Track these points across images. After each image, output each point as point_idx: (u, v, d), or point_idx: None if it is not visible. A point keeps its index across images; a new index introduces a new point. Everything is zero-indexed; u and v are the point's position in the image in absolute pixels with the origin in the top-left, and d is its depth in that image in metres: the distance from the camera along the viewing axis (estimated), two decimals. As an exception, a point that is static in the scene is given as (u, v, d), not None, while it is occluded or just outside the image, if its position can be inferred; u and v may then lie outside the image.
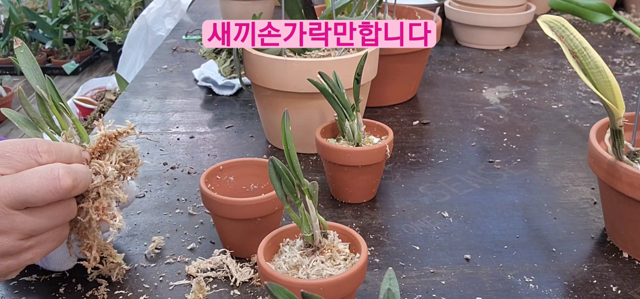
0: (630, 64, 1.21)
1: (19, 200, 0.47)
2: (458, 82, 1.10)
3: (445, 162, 0.80)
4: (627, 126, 0.63)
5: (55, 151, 0.50)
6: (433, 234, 0.65)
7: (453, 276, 0.58)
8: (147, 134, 0.88)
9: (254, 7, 1.36)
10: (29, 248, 0.49)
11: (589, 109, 0.98)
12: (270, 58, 0.76)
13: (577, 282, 0.57)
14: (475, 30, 1.29)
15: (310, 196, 0.49)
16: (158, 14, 2.13)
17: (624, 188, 0.57)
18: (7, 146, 0.49)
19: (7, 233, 0.47)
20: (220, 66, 1.10)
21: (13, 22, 3.53)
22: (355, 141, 0.69)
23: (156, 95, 1.04)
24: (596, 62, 0.56)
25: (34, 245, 0.49)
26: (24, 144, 0.49)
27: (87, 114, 1.98)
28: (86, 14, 3.93)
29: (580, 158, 0.81)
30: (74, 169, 0.50)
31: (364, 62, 0.69)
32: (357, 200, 0.70)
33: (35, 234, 0.49)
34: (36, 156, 0.49)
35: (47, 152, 0.50)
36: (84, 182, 0.51)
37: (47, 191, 0.47)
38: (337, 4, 0.87)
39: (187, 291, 0.56)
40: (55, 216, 0.49)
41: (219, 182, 0.63)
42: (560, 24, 0.59)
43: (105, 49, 3.64)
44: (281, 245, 0.53)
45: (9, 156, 0.48)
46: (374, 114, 0.95)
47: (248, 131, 0.90)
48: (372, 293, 0.56)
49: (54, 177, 0.48)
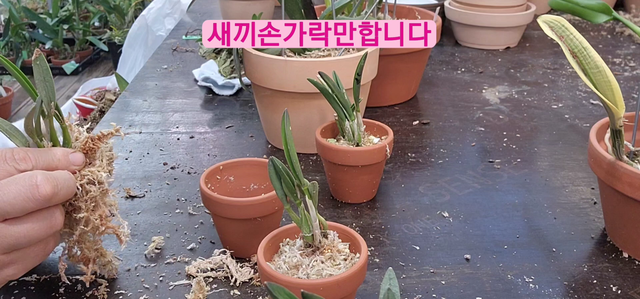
0: (630, 64, 1.21)
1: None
2: (458, 82, 1.10)
3: (445, 162, 0.80)
4: (627, 126, 0.63)
5: (34, 157, 0.48)
6: (433, 234, 0.65)
7: (453, 276, 0.58)
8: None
9: (254, 7, 1.36)
10: (9, 263, 0.46)
11: (589, 109, 0.98)
12: (270, 58, 0.76)
13: (577, 282, 0.57)
14: (475, 30, 1.29)
15: (310, 196, 0.49)
16: (158, 14, 2.13)
17: (624, 188, 0.57)
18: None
19: None
20: (220, 66, 1.10)
21: (13, 22, 3.53)
22: (355, 141, 0.69)
23: (156, 95, 1.04)
24: (596, 62, 0.56)
25: (16, 260, 0.47)
26: (0, 152, 0.47)
27: (87, 114, 1.98)
28: (86, 14, 3.93)
29: (580, 158, 0.81)
30: (54, 176, 0.47)
31: (364, 62, 0.69)
32: (357, 200, 0.70)
33: (16, 247, 0.46)
34: (14, 163, 0.47)
35: (24, 160, 0.48)
36: (65, 189, 0.48)
37: (25, 198, 0.45)
38: (337, 4, 0.87)
39: (187, 291, 0.56)
40: (37, 228, 0.47)
41: (219, 182, 0.63)
42: (560, 24, 0.59)
43: (105, 49, 3.64)
44: (281, 245, 0.53)
45: None
46: (374, 114, 0.95)
47: (248, 131, 0.90)
48: (372, 293, 0.56)
49: (32, 185, 0.45)
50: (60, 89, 3.50)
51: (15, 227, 0.46)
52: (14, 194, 0.45)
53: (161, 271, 0.59)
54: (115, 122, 0.92)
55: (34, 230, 0.46)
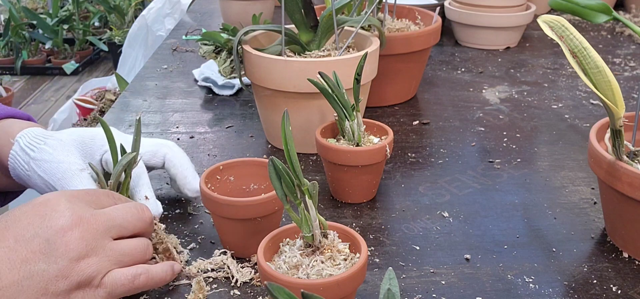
0: (630, 64, 1.21)
1: (115, 227, 0.52)
2: (458, 82, 1.10)
3: (445, 162, 0.80)
4: (627, 126, 0.63)
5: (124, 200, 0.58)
6: (433, 234, 0.65)
7: (453, 276, 0.58)
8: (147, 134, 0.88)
9: (254, 7, 1.36)
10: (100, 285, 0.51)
11: (589, 109, 0.98)
12: (270, 58, 0.76)
13: (577, 282, 0.57)
14: (475, 30, 1.29)
15: (310, 196, 0.49)
16: (158, 14, 2.13)
17: (624, 188, 0.57)
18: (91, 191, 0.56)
19: (98, 255, 0.51)
20: (220, 66, 1.10)
21: (13, 22, 3.53)
22: (355, 141, 0.69)
23: (156, 95, 1.04)
24: (596, 62, 0.56)
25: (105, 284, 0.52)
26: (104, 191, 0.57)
27: (87, 114, 1.98)
28: (86, 14, 3.93)
29: (580, 158, 0.81)
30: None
31: (364, 62, 0.69)
32: (357, 200, 0.70)
33: (121, 259, 0.52)
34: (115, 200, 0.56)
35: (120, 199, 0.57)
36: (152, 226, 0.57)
37: (137, 218, 0.54)
38: (337, 4, 0.87)
39: (187, 291, 0.56)
40: (137, 251, 0.54)
41: (219, 182, 0.63)
42: (560, 24, 0.59)
43: (105, 49, 3.64)
44: (281, 245, 0.53)
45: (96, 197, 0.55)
46: (374, 114, 0.95)
47: (248, 131, 0.90)
48: (372, 293, 0.56)
49: (140, 208, 0.55)
50: (60, 89, 3.50)
51: (124, 244, 0.53)
52: (128, 213, 0.54)
53: (161, 271, 0.58)
54: (115, 123, 0.92)
55: (136, 250, 0.54)
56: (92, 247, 0.50)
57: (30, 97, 3.40)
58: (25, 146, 0.61)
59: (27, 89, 3.53)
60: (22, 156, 0.62)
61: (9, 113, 0.67)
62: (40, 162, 0.61)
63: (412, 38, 0.93)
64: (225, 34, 1.17)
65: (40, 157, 0.61)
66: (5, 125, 0.65)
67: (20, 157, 0.62)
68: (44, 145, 0.61)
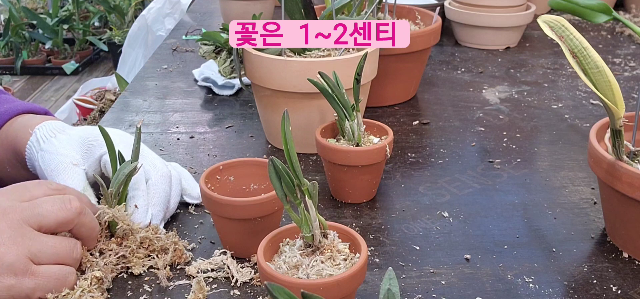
0: (630, 64, 1.21)
1: (33, 216, 0.52)
2: (458, 82, 1.10)
3: (445, 162, 0.80)
4: (627, 126, 0.63)
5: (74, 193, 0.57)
6: (433, 234, 0.65)
7: (453, 276, 0.58)
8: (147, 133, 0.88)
9: (254, 7, 1.36)
10: (31, 274, 0.51)
11: (589, 109, 0.98)
12: (270, 58, 0.76)
13: (577, 282, 0.57)
14: (475, 30, 1.29)
15: (310, 196, 0.49)
16: (158, 14, 2.13)
17: (624, 188, 0.57)
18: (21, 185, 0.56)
19: (17, 244, 0.51)
20: (220, 66, 1.10)
21: (13, 22, 3.53)
22: (355, 141, 0.69)
23: (156, 95, 1.04)
24: (596, 62, 0.56)
25: (37, 273, 0.51)
26: (36, 182, 0.57)
27: (87, 114, 1.98)
28: (86, 14, 3.93)
29: (580, 158, 0.81)
30: (84, 202, 0.56)
31: (364, 62, 0.69)
32: (357, 200, 0.70)
33: (40, 256, 0.52)
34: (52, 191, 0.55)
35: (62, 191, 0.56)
36: (90, 223, 0.56)
37: (58, 207, 0.53)
38: (337, 4, 0.87)
39: (187, 291, 0.56)
40: (61, 246, 0.53)
41: (219, 182, 0.63)
42: (560, 24, 0.59)
43: (105, 49, 3.64)
44: (281, 245, 0.53)
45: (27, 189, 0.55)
46: (374, 114, 0.95)
47: (248, 131, 0.90)
48: (372, 293, 0.56)
49: (65, 200, 0.54)
50: (60, 89, 3.50)
51: (46, 236, 0.53)
52: (50, 203, 0.53)
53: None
54: (115, 123, 0.92)
55: (60, 245, 0.53)
56: (8, 235, 0.51)
57: (30, 97, 3.40)
58: (40, 138, 0.64)
59: (27, 89, 3.53)
60: (36, 146, 0.64)
61: (29, 108, 0.70)
62: (45, 153, 0.63)
63: (412, 38, 0.93)
64: (225, 34, 1.17)
65: (46, 149, 0.63)
66: (24, 119, 0.68)
67: (35, 147, 0.64)
68: (54, 138, 0.63)
